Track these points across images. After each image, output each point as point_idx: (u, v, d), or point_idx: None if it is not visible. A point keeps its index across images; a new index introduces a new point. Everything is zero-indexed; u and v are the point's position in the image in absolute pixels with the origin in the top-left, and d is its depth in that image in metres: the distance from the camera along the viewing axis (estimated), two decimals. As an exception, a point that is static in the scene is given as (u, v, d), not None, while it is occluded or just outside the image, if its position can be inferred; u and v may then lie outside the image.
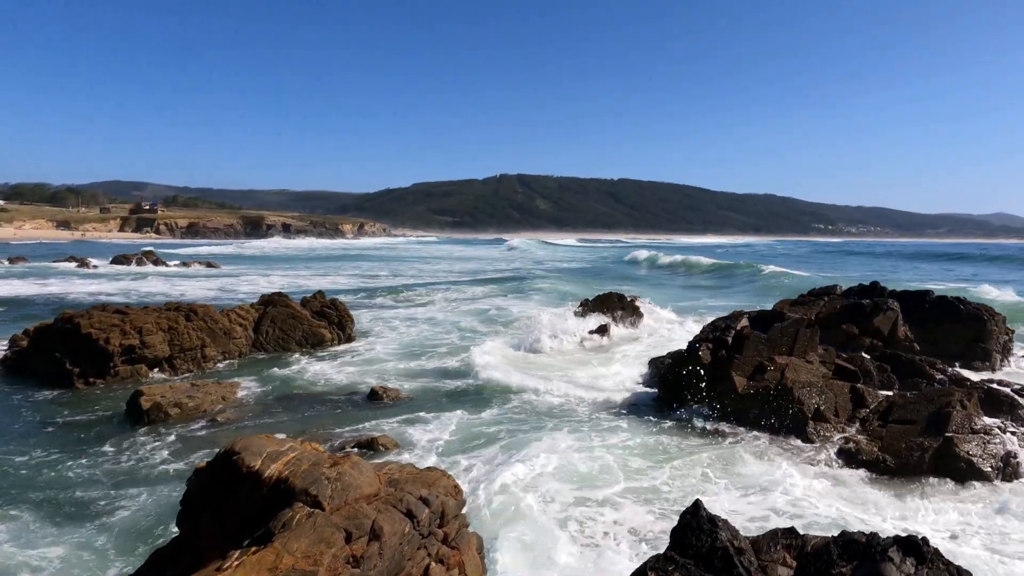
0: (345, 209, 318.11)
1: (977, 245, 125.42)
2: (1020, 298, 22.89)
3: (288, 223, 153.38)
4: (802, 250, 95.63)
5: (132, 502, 6.82)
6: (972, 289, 24.16)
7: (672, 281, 38.14)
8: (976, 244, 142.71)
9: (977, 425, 8.32)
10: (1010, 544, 5.98)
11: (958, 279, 35.55)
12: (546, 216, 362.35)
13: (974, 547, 5.93)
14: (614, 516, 6.44)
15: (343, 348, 15.80)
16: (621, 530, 6.13)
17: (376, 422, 9.56)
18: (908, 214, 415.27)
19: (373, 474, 4.08)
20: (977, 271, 45.35)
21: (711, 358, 10.15)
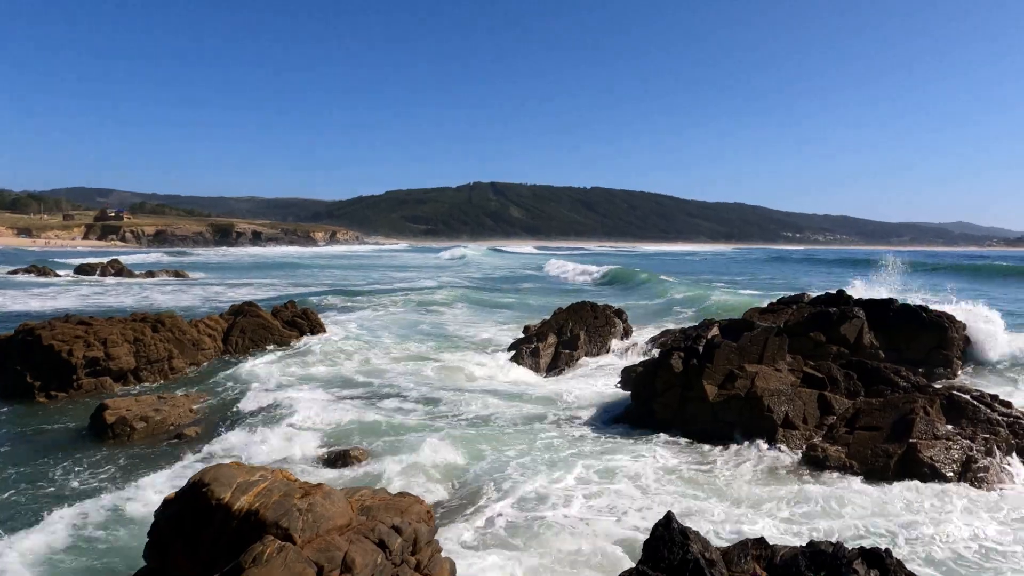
0: (318, 217, 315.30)
1: (899, 252, 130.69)
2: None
3: (259, 231, 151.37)
4: (753, 257, 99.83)
5: (95, 530, 6.38)
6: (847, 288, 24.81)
7: (562, 291, 36.53)
8: (899, 251, 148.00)
9: (939, 431, 8.54)
10: (969, 544, 6.14)
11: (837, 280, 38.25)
12: (520, 224, 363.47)
13: (935, 551, 6.08)
14: (588, 529, 6.46)
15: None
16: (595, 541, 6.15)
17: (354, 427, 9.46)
18: (873, 222, 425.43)
19: (345, 503, 4.03)
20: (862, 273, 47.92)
21: (683, 367, 10.26)
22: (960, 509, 7.04)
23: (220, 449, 8.74)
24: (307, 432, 9.46)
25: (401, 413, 10.61)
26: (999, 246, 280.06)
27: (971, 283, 39.59)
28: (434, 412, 10.66)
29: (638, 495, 7.30)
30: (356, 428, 9.70)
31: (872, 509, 7.09)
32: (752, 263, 78.29)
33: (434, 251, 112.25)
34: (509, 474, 7.67)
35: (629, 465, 8.34)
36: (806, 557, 3.26)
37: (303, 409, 10.47)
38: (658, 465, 8.37)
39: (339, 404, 11.11)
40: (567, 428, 10.00)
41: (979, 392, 10.46)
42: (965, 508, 7.05)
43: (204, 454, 8.59)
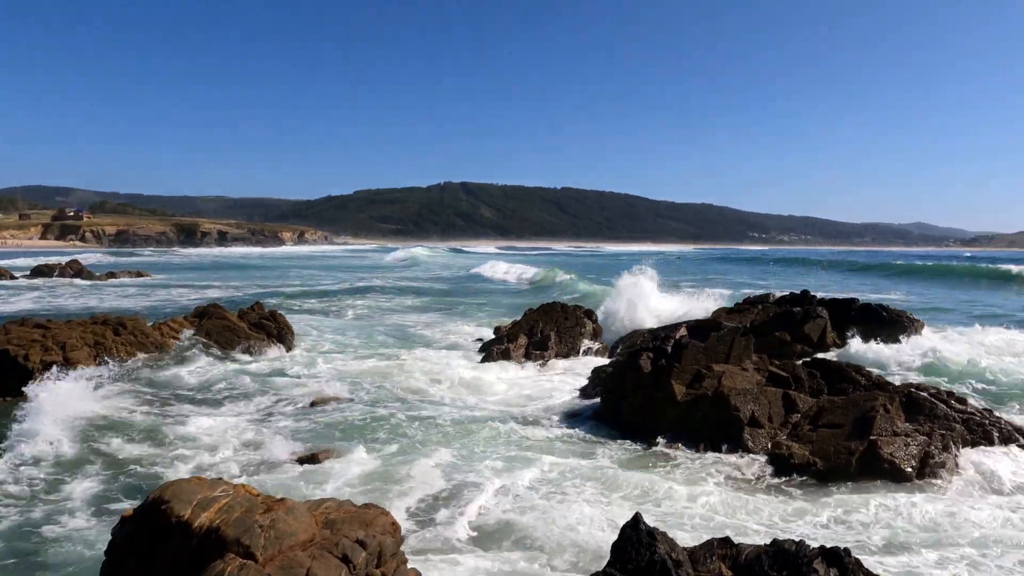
0: (285, 216, 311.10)
1: (845, 252, 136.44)
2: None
3: (225, 230, 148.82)
4: (706, 256, 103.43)
5: (50, 546, 6.07)
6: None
7: (483, 292, 36.60)
8: (846, 251, 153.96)
9: (899, 428, 8.78)
10: (921, 538, 6.34)
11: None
12: (491, 224, 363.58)
13: (893, 544, 6.26)
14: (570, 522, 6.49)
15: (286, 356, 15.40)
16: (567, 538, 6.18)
17: (317, 432, 9.36)
18: (836, 223, 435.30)
19: (308, 517, 3.98)
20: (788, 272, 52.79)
21: (651, 367, 10.38)
22: (913, 503, 7.25)
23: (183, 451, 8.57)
24: (278, 437, 9.33)
25: (363, 416, 10.52)
26: (956, 246, 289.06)
27: (897, 283, 42.13)
28: (399, 415, 10.59)
29: (604, 497, 7.36)
30: (321, 432, 9.59)
31: (834, 507, 7.27)
32: (703, 263, 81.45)
33: (393, 251, 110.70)
34: (475, 478, 7.66)
35: (596, 465, 8.41)
36: (769, 556, 3.34)
37: (273, 413, 10.32)
38: (624, 466, 8.45)
39: (303, 406, 10.99)
40: (536, 429, 10.02)
41: (936, 389, 10.79)
42: (919, 503, 7.26)
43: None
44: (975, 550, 6.10)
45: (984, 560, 5.89)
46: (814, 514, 7.06)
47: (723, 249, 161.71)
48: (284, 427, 9.72)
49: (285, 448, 8.78)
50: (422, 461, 8.23)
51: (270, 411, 10.70)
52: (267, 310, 17.73)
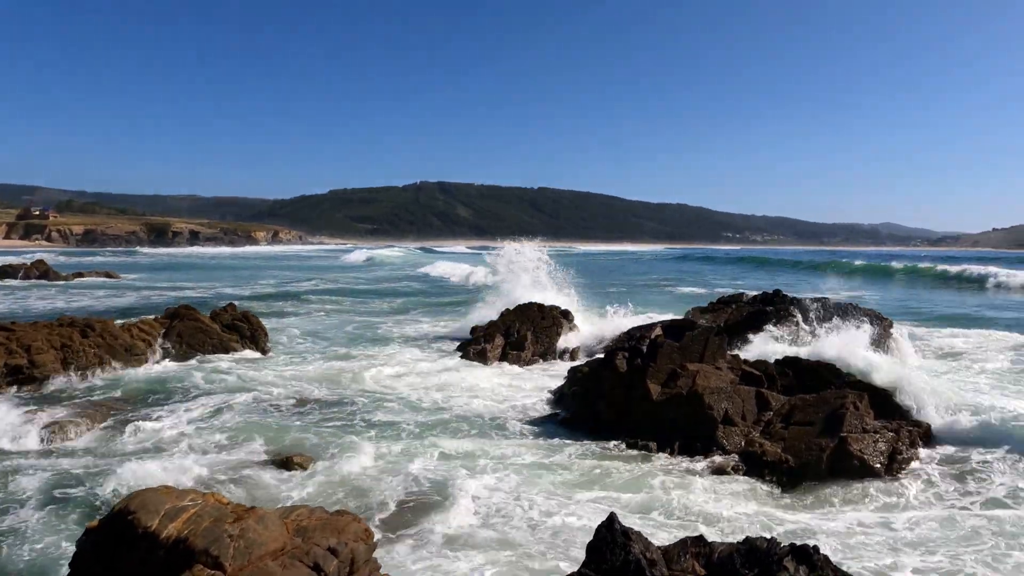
0: (259, 216, 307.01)
1: (812, 251, 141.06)
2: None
3: (197, 230, 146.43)
4: (667, 256, 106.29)
5: (8, 561, 5.84)
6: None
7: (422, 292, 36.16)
8: (815, 250, 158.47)
9: (868, 425, 8.96)
10: (893, 533, 6.48)
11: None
12: (467, 224, 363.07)
13: (863, 540, 6.38)
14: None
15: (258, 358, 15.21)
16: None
17: (292, 435, 9.25)
18: (808, 223, 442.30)
19: (279, 525, 3.93)
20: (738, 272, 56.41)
21: (627, 367, 10.45)
22: (882, 501, 7.41)
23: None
24: (252, 441, 9.21)
25: (337, 419, 10.44)
26: (923, 246, 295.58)
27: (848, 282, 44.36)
28: (373, 418, 10.53)
29: (579, 496, 7.40)
30: (297, 435, 9.50)
31: (805, 503, 7.39)
32: (660, 262, 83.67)
33: (354, 251, 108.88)
34: (449, 481, 7.63)
35: (572, 465, 8.44)
36: (741, 554, 3.39)
37: (242, 416, 10.18)
38: (600, 465, 8.50)
39: (278, 412, 10.87)
40: (512, 430, 10.04)
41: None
42: (888, 499, 7.42)
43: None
44: (949, 547, 6.25)
45: (958, 555, 6.04)
46: (786, 510, 7.17)
47: (686, 249, 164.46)
48: (258, 431, 9.58)
49: (260, 453, 8.68)
50: (396, 464, 8.18)
51: (244, 414, 10.55)
52: (240, 311, 17.50)
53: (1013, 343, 17.21)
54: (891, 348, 15.16)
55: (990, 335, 18.68)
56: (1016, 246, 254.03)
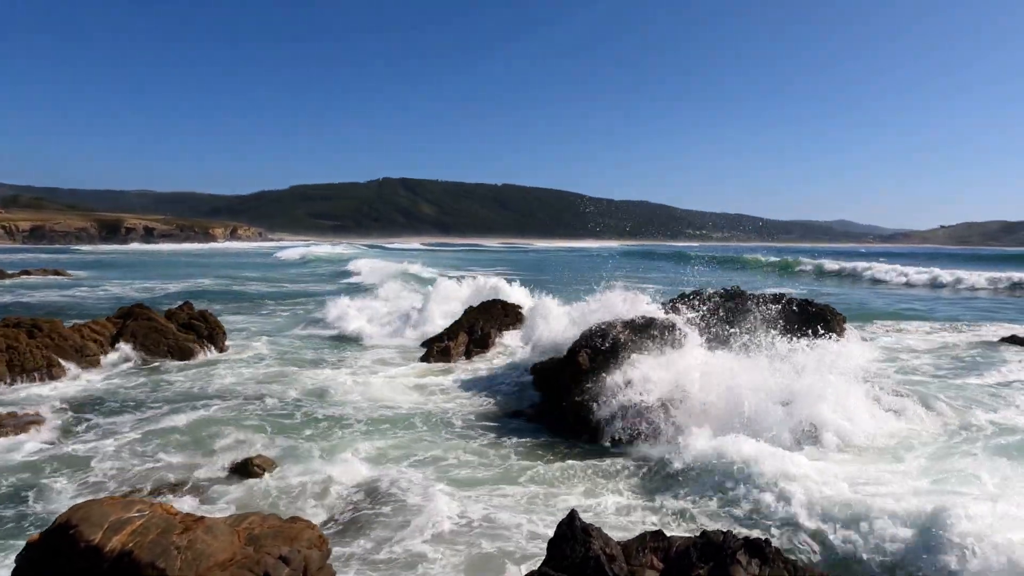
0: (217, 212, 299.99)
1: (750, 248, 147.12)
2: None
3: (151, 226, 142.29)
4: (613, 253, 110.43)
5: None
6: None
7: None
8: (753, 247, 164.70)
9: (822, 417, 9.20)
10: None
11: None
12: (431, 220, 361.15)
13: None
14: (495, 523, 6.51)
15: (213, 358, 14.89)
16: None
17: (252, 437, 9.07)
18: (766, 220, 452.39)
19: (229, 535, 3.83)
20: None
21: (589, 363, 10.52)
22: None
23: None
24: (210, 444, 9.00)
25: (296, 419, 10.29)
26: (875, 243, 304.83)
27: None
28: (335, 417, 10.41)
29: (543, 492, 7.43)
30: (255, 437, 9.32)
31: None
32: (604, 259, 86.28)
33: (310, 247, 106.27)
34: (408, 482, 7.57)
35: (535, 461, 8.47)
36: (697, 548, 3.45)
37: (198, 419, 9.94)
38: (562, 461, 8.55)
39: (237, 414, 10.66)
40: (473, 429, 10.01)
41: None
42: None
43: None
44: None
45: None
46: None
47: (647, 246, 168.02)
48: (215, 435, 9.37)
49: (217, 457, 8.48)
50: (355, 468, 8.06)
51: (199, 417, 10.30)
52: (196, 310, 17.08)
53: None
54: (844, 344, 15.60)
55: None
56: (960, 243, 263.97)
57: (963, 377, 13.23)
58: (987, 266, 52.75)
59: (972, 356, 15.57)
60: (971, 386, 12.34)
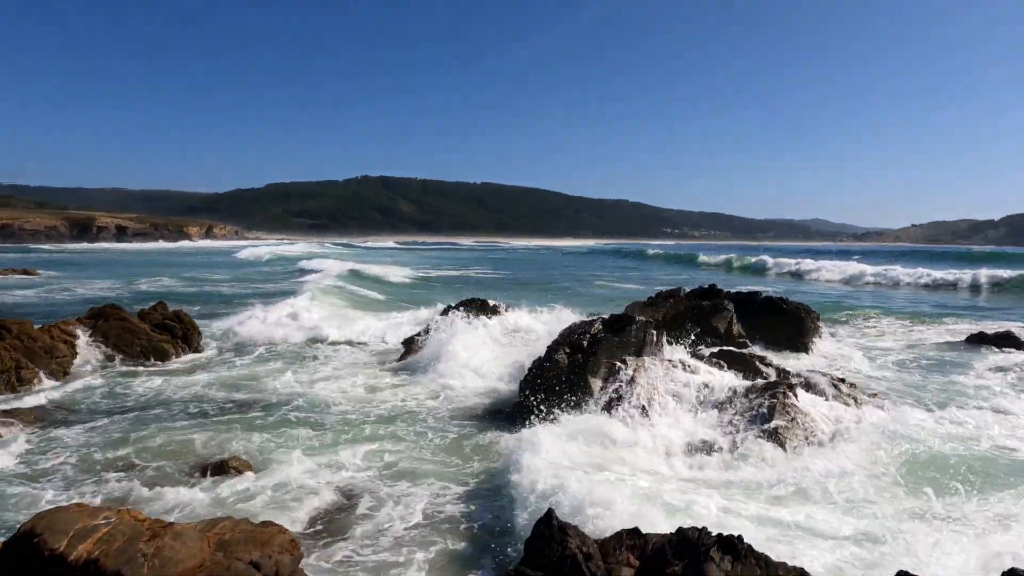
0: (193, 210, 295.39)
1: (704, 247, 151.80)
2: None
3: (124, 225, 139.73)
4: (576, 251, 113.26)
5: None
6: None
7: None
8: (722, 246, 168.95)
9: (794, 412, 9.33)
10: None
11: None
12: (410, 219, 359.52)
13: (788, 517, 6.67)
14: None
15: (188, 359, 14.69)
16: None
17: (226, 439, 8.96)
18: (743, 219, 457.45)
19: (199, 541, 3.77)
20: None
21: (568, 362, 10.57)
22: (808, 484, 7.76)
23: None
24: (187, 445, 8.87)
25: (275, 420, 10.19)
26: (848, 241, 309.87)
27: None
28: (315, 417, 10.33)
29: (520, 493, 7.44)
30: (232, 437, 9.21)
31: (743, 491, 7.65)
32: (568, 257, 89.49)
33: (272, 246, 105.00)
34: (385, 484, 7.55)
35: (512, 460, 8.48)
36: (672, 545, 3.49)
37: (170, 422, 9.80)
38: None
39: (211, 416, 10.52)
40: (450, 428, 10.00)
41: (829, 375, 11.55)
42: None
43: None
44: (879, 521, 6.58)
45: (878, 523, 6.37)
46: (724, 498, 7.39)
47: (622, 244, 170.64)
48: (189, 437, 9.24)
49: (193, 460, 8.36)
50: (332, 470, 8.01)
51: (173, 421, 10.15)
52: (171, 310, 16.83)
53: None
54: (817, 341, 15.87)
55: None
56: (931, 241, 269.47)
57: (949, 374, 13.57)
58: (943, 264, 54.13)
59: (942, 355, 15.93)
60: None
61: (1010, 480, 7.64)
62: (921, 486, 7.39)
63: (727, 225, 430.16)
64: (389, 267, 46.65)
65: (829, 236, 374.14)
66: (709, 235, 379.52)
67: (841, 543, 5.63)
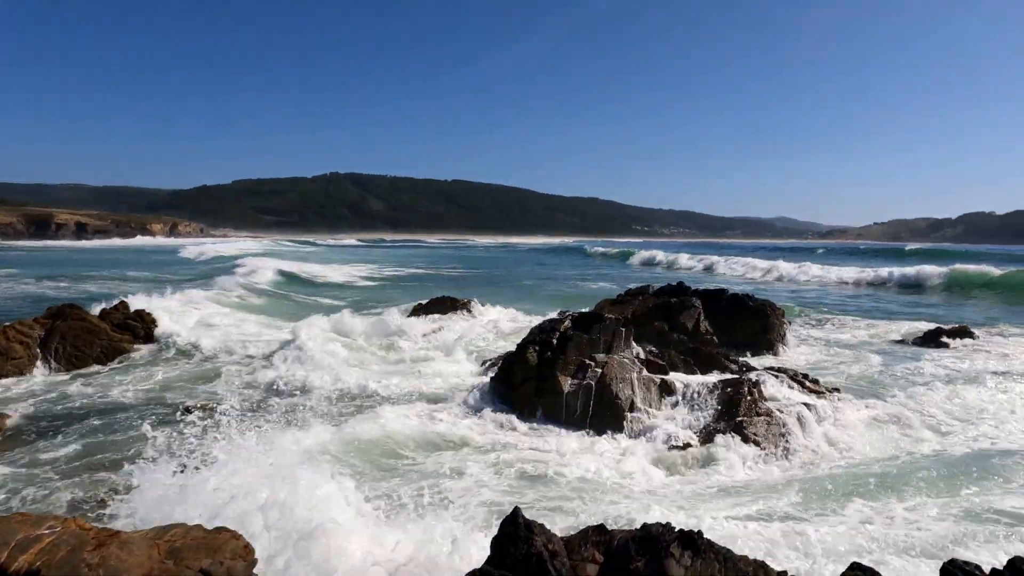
0: (156, 207, 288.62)
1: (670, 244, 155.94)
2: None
3: (84, 222, 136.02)
4: (534, 248, 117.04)
5: None
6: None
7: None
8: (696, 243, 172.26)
9: (761, 408, 9.52)
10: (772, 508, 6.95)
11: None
12: (380, 216, 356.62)
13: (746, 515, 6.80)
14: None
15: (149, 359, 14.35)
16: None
17: (188, 437, 8.79)
18: (711, 217, 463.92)
19: (147, 549, 3.69)
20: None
21: (537, 359, 10.61)
22: (772, 481, 7.91)
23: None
24: (148, 446, 8.69)
25: (240, 415, 10.05)
26: (813, 239, 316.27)
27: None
28: (268, 410, 10.21)
29: (490, 486, 7.46)
30: (199, 438, 9.05)
31: (708, 484, 7.78)
32: (518, 254, 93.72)
33: (297, 243, 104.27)
34: (352, 482, 7.48)
35: (485, 461, 8.50)
36: (636, 541, 3.53)
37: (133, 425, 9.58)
38: (509, 457, 8.60)
39: (175, 415, 10.33)
40: (423, 422, 9.97)
41: (793, 371, 11.80)
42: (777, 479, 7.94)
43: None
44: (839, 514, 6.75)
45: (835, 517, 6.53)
46: (693, 492, 7.51)
47: (589, 241, 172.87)
48: (139, 436, 9.03)
49: (157, 461, 8.18)
50: (292, 467, 7.90)
51: (131, 422, 9.93)
52: (132, 309, 16.46)
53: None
54: (782, 337, 16.18)
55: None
56: (892, 238, 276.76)
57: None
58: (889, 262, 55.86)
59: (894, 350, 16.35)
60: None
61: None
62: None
63: (695, 223, 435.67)
64: (333, 267, 45.71)
65: (795, 234, 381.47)
66: (678, 232, 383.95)
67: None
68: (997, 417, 10.31)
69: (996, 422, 10.07)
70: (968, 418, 10.28)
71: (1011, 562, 3.76)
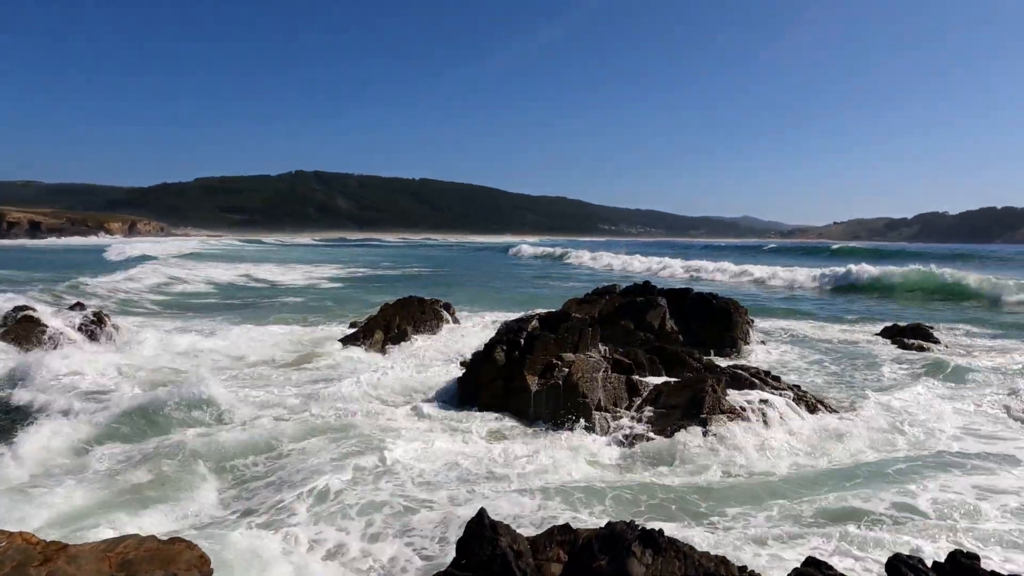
0: (115, 205, 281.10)
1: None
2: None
3: (37, 220, 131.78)
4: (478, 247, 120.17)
5: None
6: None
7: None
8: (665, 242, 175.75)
9: (725, 406, 9.70)
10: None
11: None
12: (347, 215, 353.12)
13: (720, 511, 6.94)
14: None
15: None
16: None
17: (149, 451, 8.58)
18: (676, 216, 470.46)
19: (97, 562, 3.58)
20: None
21: (505, 359, 10.64)
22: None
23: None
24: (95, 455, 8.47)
25: (198, 416, 9.87)
26: (776, 237, 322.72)
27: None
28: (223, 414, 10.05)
29: (466, 483, 7.47)
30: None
31: (672, 481, 7.90)
32: (476, 252, 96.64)
33: (254, 242, 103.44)
34: (311, 483, 7.44)
35: (454, 460, 8.49)
36: (599, 540, 3.58)
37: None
38: (479, 454, 8.61)
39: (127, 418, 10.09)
40: (395, 431, 9.92)
41: (756, 369, 12.05)
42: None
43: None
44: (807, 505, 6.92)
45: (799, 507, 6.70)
46: (660, 489, 7.61)
47: (554, 240, 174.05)
48: (105, 451, 8.81)
49: (105, 472, 7.97)
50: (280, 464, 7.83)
51: (99, 424, 9.66)
52: (90, 310, 16.03)
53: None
54: (746, 336, 16.49)
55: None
56: (852, 237, 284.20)
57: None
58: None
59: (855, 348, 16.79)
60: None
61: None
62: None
63: (661, 222, 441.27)
64: (240, 265, 44.55)
65: (758, 233, 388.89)
66: (644, 232, 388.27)
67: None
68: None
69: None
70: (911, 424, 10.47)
71: (951, 555, 3.91)
